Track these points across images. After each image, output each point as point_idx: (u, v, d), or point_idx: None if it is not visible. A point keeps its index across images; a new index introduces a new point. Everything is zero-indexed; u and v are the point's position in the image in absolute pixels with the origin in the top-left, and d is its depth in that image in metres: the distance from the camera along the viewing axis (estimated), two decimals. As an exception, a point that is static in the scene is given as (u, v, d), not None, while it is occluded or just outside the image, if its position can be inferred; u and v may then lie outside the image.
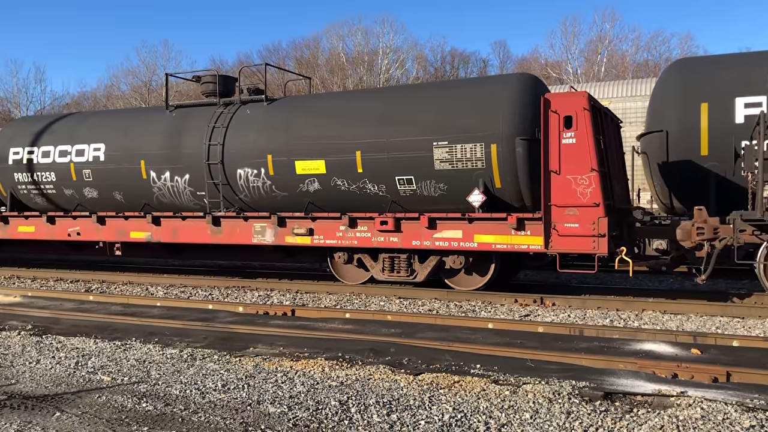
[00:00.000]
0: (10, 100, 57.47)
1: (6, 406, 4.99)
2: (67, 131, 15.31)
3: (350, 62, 50.19)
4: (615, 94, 19.50)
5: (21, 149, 15.49)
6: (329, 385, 5.61)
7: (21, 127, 16.84)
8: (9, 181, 15.65)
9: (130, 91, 52.75)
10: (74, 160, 14.68)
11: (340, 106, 12.96)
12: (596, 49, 48.73)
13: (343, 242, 11.14)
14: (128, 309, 9.90)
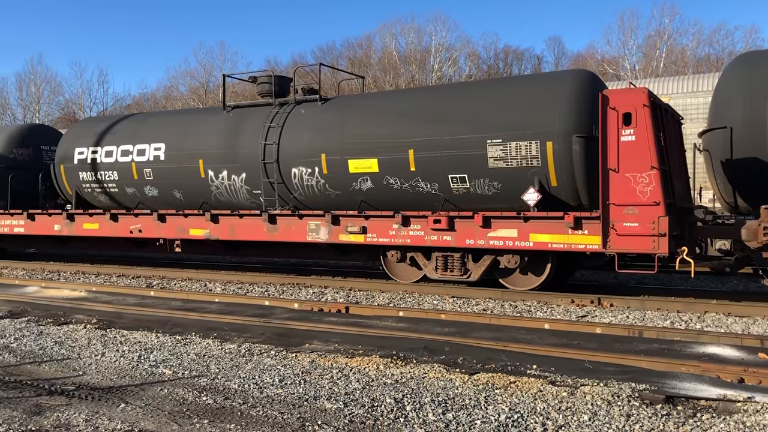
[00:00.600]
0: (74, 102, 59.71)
1: (74, 396, 5.19)
2: (129, 131, 15.79)
3: (402, 61, 50.21)
4: (675, 90, 18.94)
5: (85, 149, 16.06)
6: (384, 382, 5.63)
7: (85, 127, 17.46)
8: (74, 180, 16.25)
9: (188, 92, 54.05)
10: (136, 160, 15.13)
11: (392, 104, 12.99)
12: (655, 44, 47.41)
13: (396, 240, 11.16)
14: (188, 304, 10.15)
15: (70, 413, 4.75)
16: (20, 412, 4.77)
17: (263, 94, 14.98)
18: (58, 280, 13.30)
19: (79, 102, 59.54)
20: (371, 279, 12.60)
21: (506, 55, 57.07)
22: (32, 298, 10.76)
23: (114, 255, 17.98)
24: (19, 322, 8.43)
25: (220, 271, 14.35)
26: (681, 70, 43.14)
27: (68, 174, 16.35)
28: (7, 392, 5.29)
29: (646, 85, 16.54)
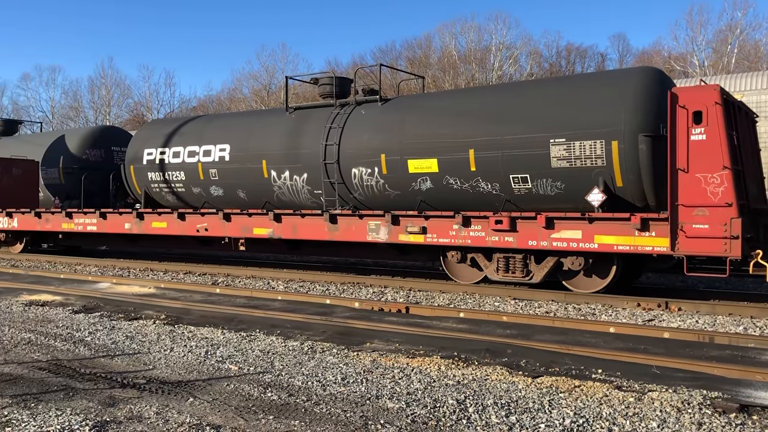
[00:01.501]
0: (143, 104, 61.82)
1: (146, 389, 5.37)
2: (196, 133, 16.24)
3: (462, 60, 49.91)
4: (748, 87, 18.18)
5: (154, 150, 16.60)
6: (446, 383, 5.61)
7: (154, 129, 18.06)
8: (143, 180, 16.82)
9: (251, 94, 55.16)
10: (202, 160, 15.55)
11: (452, 104, 12.94)
12: (726, 39, 45.64)
13: (456, 241, 11.11)
14: (252, 302, 10.36)
15: (142, 406, 4.92)
16: (96, 403, 4.97)
17: (324, 95, 15.16)
18: (128, 276, 13.79)
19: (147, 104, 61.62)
20: (431, 279, 12.57)
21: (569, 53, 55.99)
22: (104, 294, 11.19)
23: (181, 253, 18.52)
24: (92, 317, 8.79)
25: (282, 269, 14.59)
26: (754, 65, 41.37)
27: (138, 174, 16.93)
28: (84, 384, 5.51)
29: (717, 81, 15.95)
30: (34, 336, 7.45)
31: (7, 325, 8.12)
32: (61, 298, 10.53)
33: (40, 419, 4.57)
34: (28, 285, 12.14)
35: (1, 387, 5.37)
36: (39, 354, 6.59)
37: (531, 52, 51.94)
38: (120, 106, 62.56)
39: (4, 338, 7.32)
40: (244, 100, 54.41)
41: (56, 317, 8.74)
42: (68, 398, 5.08)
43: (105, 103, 61.53)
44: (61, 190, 22.07)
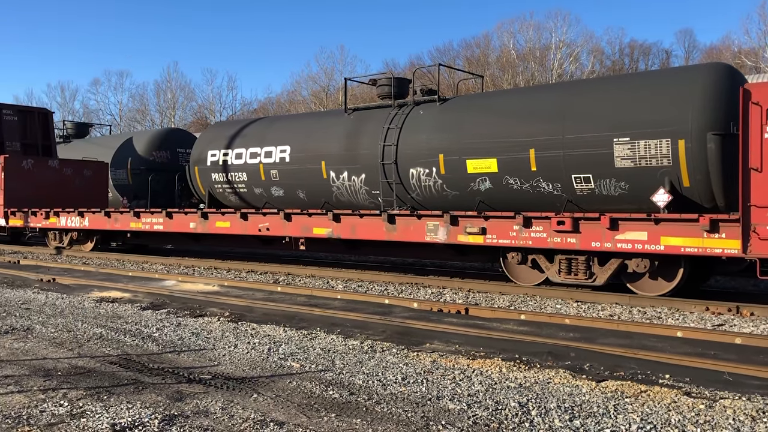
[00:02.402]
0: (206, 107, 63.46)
1: (211, 385, 5.50)
2: (257, 135, 16.57)
3: (521, 59, 49.30)
4: (826, 81, 17.32)
5: (217, 152, 17.02)
6: (507, 386, 5.55)
7: (217, 131, 18.51)
8: (207, 181, 17.26)
9: (310, 96, 55.87)
10: (263, 162, 15.85)
11: (512, 103, 12.80)
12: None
13: (516, 242, 10.97)
14: (312, 300, 10.49)
15: (208, 401, 5.04)
16: (164, 397, 5.12)
17: (382, 96, 15.24)
18: (193, 275, 14.16)
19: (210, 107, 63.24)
20: (490, 281, 12.45)
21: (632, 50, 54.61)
22: (171, 291, 11.53)
23: (243, 252, 18.90)
24: (159, 314, 9.07)
25: (341, 269, 14.71)
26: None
27: (202, 175, 17.38)
28: (152, 378, 5.69)
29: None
30: (105, 331, 7.73)
31: (80, 320, 8.46)
32: (129, 295, 10.90)
33: (113, 411, 4.74)
34: (98, 282, 12.61)
35: (75, 379, 5.60)
36: (110, 349, 6.84)
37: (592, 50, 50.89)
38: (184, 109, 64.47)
39: (77, 333, 7.62)
40: (303, 102, 55.17)
41: (125, 313, 9.05)
42: (138, 392, 5.26)
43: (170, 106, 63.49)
44: (129, 191, 22.89)
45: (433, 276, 13.36)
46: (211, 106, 63.28)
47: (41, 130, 24.61)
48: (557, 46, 48.90)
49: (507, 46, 50.75)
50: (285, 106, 56.82)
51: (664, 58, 53.87)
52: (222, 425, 4.51)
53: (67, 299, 10.26)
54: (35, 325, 8.09)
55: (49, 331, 7.73)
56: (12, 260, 17.07)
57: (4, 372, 5.83)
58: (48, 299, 10.25)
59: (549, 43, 49.29)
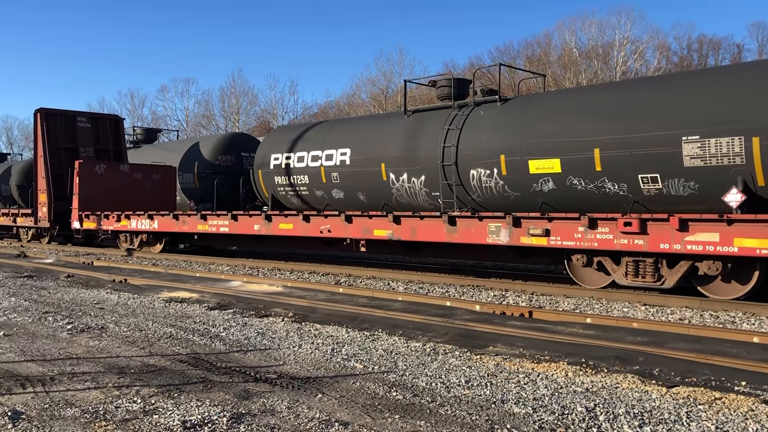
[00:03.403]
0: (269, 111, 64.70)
1: (277, 384, 5.60)
2: (319, 138, 16.78)
3: (583, 57, 48.27)
4: None
5: (280, 155, 17.32)
6: (574, 390, 5.44)
7: (279, 135, 18.84)
8: (270, 184, 17.59)
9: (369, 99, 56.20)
10: (324, 164, 16.04)
11: (575, 102, 12.55)
12: None
13: (581, 244, 10.73)
14: (373, 302, 10.54)
15: (274, 400, 5.13)
16: (231, 395, 5.24)
17: (442, 97, 15.19)
18: (257, 275, 14.44)
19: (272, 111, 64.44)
20: (554, 283, 12.23)
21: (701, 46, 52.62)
22: (236, 291, 11.80)
23: (305, 253, 19.18)
24: (226, 314, 9.29)
25: (401, 270, 14.73)
26: None
27: (265, 178, 17.73)
28: (220, 377, 5.84)
29: None
30: (174, 330, 7.97)
31: (150, 320, 8.75)
32: (197, 296, 11.21)
33: (183, 409, 4.89)
34: (167, 282, 13.02)
35: (147, 377, 5.79)
36: (179, 347, 7.05)
37: (658, 46, 49.35)
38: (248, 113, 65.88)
39: (148, 332, 7.89)
40: (362, 105, 55.55)
41: (193, 313, 9.31)
42: (207, 390, 5.40)
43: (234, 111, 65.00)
44: (195, 194, 23.56)
45: (495, 278, 13.23)
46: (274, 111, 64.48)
47: (113, 136, 25.63)
48: (621, 43, 47.65)
49: (569, 45, 49.78)
50: (345, 110, 57.34)
51: (735, 53, 51.70)
52: (288, 424, 4.58)
53: (138, 299, 10.63)
54: (109, 324, 8.41)
55: (121, 330, 8.03)
56: (86, 261, 17.81)
57: (82, 369, 6.09)
58: (120, 299, 10.64)
59: (612, 41, 48.10)
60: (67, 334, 7.76)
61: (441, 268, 15.43)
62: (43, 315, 9.02)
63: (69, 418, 4.68)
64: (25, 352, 6.77)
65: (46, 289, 12.01)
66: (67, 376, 5.81)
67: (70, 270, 15.30)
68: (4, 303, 10.14)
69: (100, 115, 27.76)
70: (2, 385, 5.51)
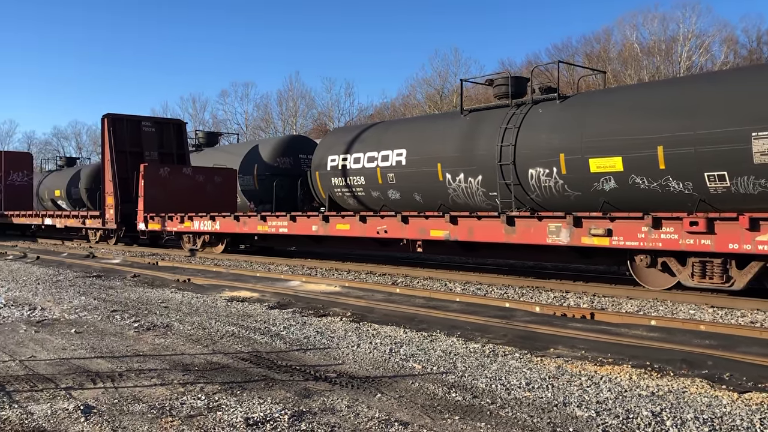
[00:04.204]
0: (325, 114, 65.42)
1: (336, 383, 5.65)
2: (374, 139, 16.86)
3: (645, 52, 46.96)
4: None
5: (337, 157, 17.48)
6: (639, 394, 5.30)
7: (336, 137, 19.02)
8: (327, 185, 17.77)
9: (424, 99, 56.11)
10: (380, 165, 16.11)
11: (637, 98, 12.24)
12: None
13: (645, 244, 10.43)
14: (430, 302, 10.51)
15: (334, 399, 5.17)
16: (292, 393, 5.31)
17: (499, 96, 15.04)
18: (315, 275, 14.60)
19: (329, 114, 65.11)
20: (616, 284, 11.93)
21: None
22: (296, 291, 11.96)
23: (361, 254, 19.27)
24: (286, 313, 9.42)
25: (458, 271, 14.64)
26: None
27: (322, 180, 17.93)
28: (281, 375, 5.92)
29: None
30: (236, 329, 8.14)
31: (213, 318, 8.95)
32: (258, 295, 11.41)
33: (246, 406, 4.98)
34: (229, 282, 13.30)
35: (211, 374, 5.93)
36: (241, 346, 7.19)
37: (726, 39, 47.53)
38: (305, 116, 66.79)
39: (211, 330, 8.07)
40: (417, 106, 55.49)
41: (254, 312, 9.48)
42: (268, 388, 5.48)
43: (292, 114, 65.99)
44: (255, 196, 24.03)
45: (555, 279, 13.00)
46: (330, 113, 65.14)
47: (176, 139, 26.38)
48: (685, 37, 46.14)
49: (629, 40, 48.52)
50: (400, 110, 57.41)
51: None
52: (348, 423, 4.61)
53: (201, 298, 10.90)
54: (173, 322, 8.65)
55: (185, 328, 8.24)
56: (151, 262, 18.37)
57: (148, 365, 6.28)
58: (184, 298, 10.93)
59: (676, 35, 46.62)
60: (133, 331, 8.02)
61: (499, 268, 15.26)
62: (111, 313, 9.35)
63: (137, 413, 4.83)
64: (95, 348, 7.03)
65: (113, 288, 12.45)
66: (135, 372, 6.01)
67: (136, 270, 15.81)
68: (75, 302, 10.55)
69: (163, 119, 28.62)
70: (75, 380, 5.74)
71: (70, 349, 7.01)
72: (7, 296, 11.15)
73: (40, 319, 8.88)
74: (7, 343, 7.28)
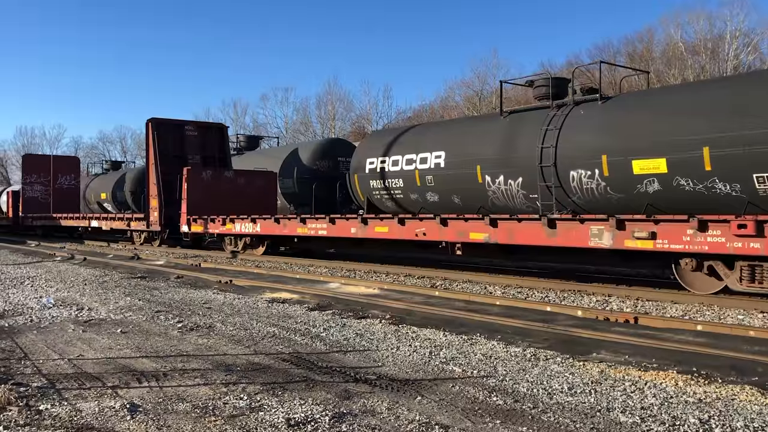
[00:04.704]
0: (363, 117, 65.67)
1: (376, 385, 5.66)
2: (413, 141, 16.85)
3: (690, 51, 45.92)
4: None
5: (375, 159, 17.52)
6: (685, 400, 5.17)
7: (374, 140, 19.07)
8: (366, 188, 17.82)
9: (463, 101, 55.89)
10: (418, 168, 16.08)
11: (681, 98, 11.97)
12: None
13: (690, 247, 10.19)
14: (470, 305, 10.45)
15: (374, 401, 5.18)
16: (333, 395, 5.34)
17: (539, 97, 14.88)
18: (354, 277, 14.65)
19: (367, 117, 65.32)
20: (660, 288, 11.69)
21: (826, 33, 48.73)
22: (335, 293, 12.02)
23: (400, 256, 19.27)
24: (325, 315, 9.48)
25: (498, 274, 14.52)
26: None
27: (361, 182, 17.98)
28: (321, 376, 5.96)
29: None
30: (277, 330, 8.22)
31: (254, 319, 9.06)
32: (298, 296, 11.51)
33: (287, 407, 5.02)
34: (269, 284, 13.45)
35: (253, 375, 6.00)
36: (282, 347, 7.25)
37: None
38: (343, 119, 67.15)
39: (252, 331, 8.17)
40: (456, 108, 55.29)
41: (295, 314, 9.56)
42: (309, 389, 5.52)
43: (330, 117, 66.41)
44: (295, 198, 24.26)
45: (597, 283, 12.79)
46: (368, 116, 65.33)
47: (218, 143, 26.83)
48: (732, 35, 44.96)
49: (674, 39, 47.50)
50: (438, 113, 57.26)
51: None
52: (388, 425, 4.61)
53: (243, 299, 11.04)
54: (216, 323, 8.78)
55: (228, 329, 8.36)
56: (194, 263, 18.69)
57: (192, 365, 6.38)
58: (226, 299, 11.09)
59: (723, 33, 45.47)
60: (177, 332, 8.16)
61: (539, 272, 15.08)
62: (155, 314, 9.54)
63: (181, 412, 4.92)
64: (140, 348, 7.18)
65: (157, 289, 12.70)
66: (179, 372, 6.11)
67: (180, 271, 16.11)
68: (121, 302, 10.80)
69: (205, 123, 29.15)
70: (121, 378, 5.87)
71: (116, 348, 7.17)
72: (56, 296, 11.47)
73: (87, 319, 9.11)
74: (56, 342, 7.49)
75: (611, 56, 49.01)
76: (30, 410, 4.94)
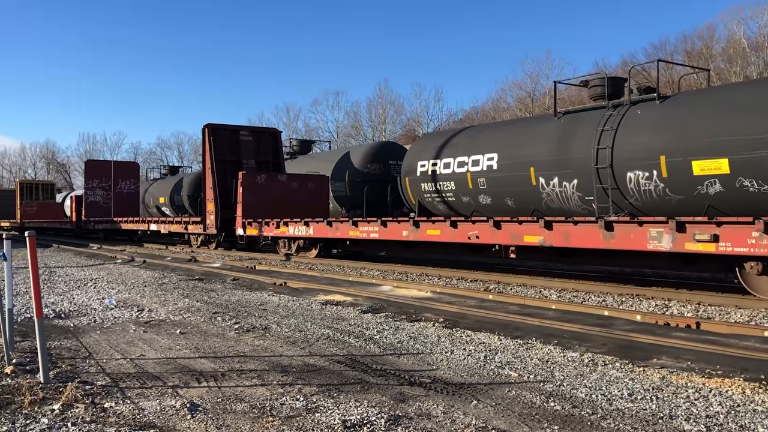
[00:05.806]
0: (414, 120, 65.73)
1: (431, 389, 5.63)
2: (464, 144, 16.76)
3: (753, 47, 44.36)
4: None
5: (426, 162, 17.50)
6: (753, 409, 4.98)
7: (425, 142, 19.05)
8: (417, 191, 17.81)
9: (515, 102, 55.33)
10: (470, 170, 15.98)
11: (744, 96, 11.56)
12: None
13: (756, 250, 9.82)
14: (524, 309, 10.31)
15: (429, 404, 5.16)
16: (388, 397, 5.34)
17: (595, 97, 14.62)
18: (406, 280, 14.65)
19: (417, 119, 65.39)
20: (723, 293, 11.30)
21: None
22: (387, 296, 12.03)
23: (451, 259, 19.18)
24: (378, 317, 9.50)
25: (553, 278, 14.30)
26: None
27: (412, 185, 17.98)
28: (376, 379, 5.97)
29: None
30: (331, 332, 8.28)
31: (309, 321, 9.15)
32: (350, 299, 11.57)
33: (343, 408, 5.05)
34: (322, 286, 13.56)
35: (308, 376, 6.05)
36: (336, 348, 7.30)
37: (843, 30, 44.17)
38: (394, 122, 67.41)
39: (307, 333, 8.25)
40: (508, 109, 54.79)
41: (348, 316, 9.62)
42: (364, 391, 5.54)
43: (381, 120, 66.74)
44: (346, 201, 24.43)
45: (656, 287, 12.46)
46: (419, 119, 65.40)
47: (272, 148, 27.26)
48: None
49: (735, 35, 45.96)
50: (490, 114, 56.83)
51: None
52: (444, 429, 4.58)
53: (297, 301, 11.17)
54: (271, 324, 8.90)
55: (283, 330, 8.46)
56: (249, 266, 19.01)
57: (249, 366, 6.49)
58: (281, 301, 11.24)
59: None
60: (234, 333, 8.31)
61: (595, 275, 14.78)
62: (212, 315, 9.74)
63: (239, 412, 5.00)
64: (199, 349, 7.33)
65: (214, 291, 12.97)
66: (236, 372, 6.22)
67: (235, 273, 16.40)
68: (179, 303, 11.07)
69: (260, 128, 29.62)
70: (181, 378, 6.01)
71: (176, 348, 7.35)
72: (117, 298, 11.84)
73: (147, 320, 9.37)
74: (119, 342, 7.73)
75: (668, 55, 47.78)
76: (95, 408, 5.11)
